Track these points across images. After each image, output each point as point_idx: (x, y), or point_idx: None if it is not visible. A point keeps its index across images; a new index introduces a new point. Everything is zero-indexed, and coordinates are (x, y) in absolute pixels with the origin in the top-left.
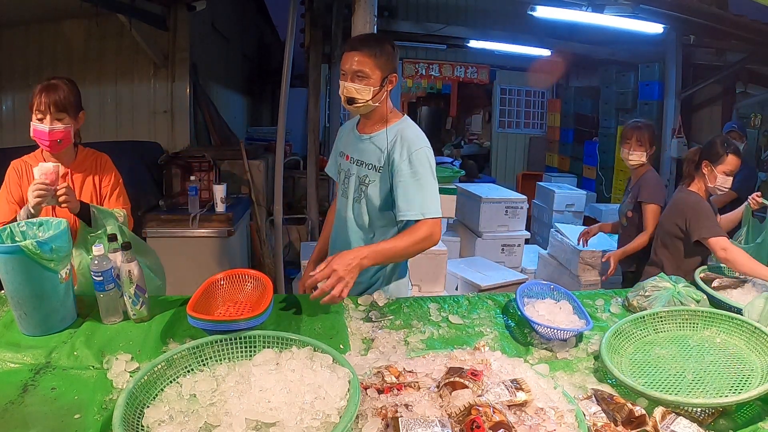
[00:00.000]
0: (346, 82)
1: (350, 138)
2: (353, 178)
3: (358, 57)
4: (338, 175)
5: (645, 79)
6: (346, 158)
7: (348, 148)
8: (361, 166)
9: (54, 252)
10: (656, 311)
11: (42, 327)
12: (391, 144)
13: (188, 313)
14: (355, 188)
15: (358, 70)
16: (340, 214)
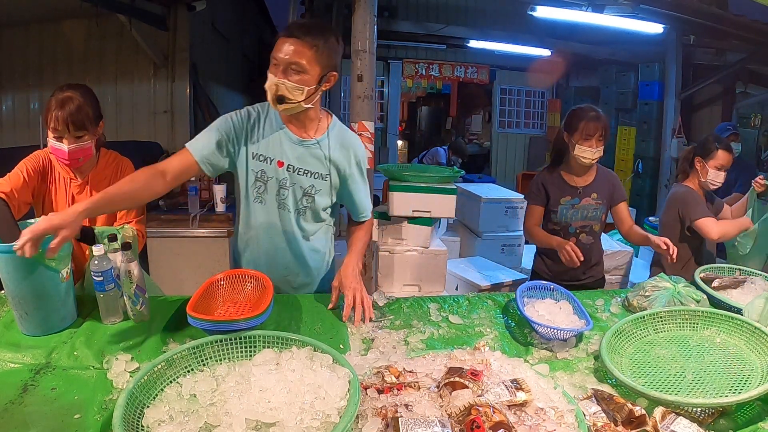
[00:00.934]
0: (277, 76)
1: (281, 141)
2: (295, 188)
3: (295, 46)
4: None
5: (645, 79)
6: (279, 164)
7: (280, 154)
8: (306, 176)
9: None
10: (656, 311)
11: (42, 327)
12: (335, 149)
13: (188, 313)
14: (298, 199)
15: (294, 61)
16: (276, 228)
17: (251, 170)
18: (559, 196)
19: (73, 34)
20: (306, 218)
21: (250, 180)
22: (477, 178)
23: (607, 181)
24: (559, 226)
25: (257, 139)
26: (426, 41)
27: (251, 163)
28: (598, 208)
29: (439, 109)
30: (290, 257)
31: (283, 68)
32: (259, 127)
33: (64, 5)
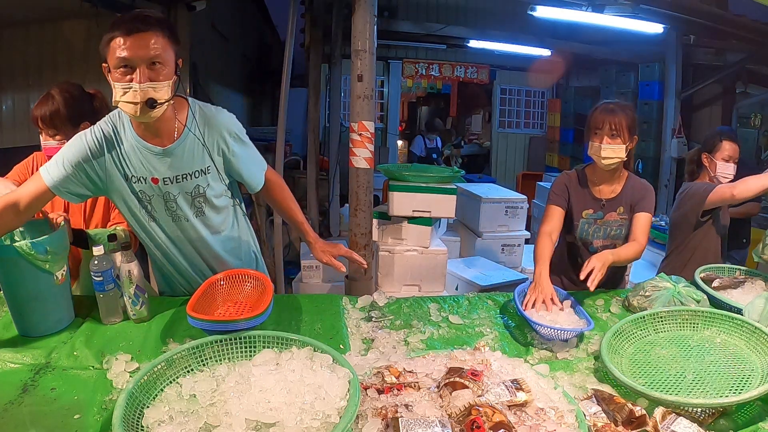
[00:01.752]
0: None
1: (144, 157)
2: (181, 195)
3: (148, 39)
4: (139, 200)
5: (645, 79)
6: (154, 181)
7: (150, 171)
8: (186, 179)
9: (49, 253)
10: (656, 311)
11: (37, 328)
12: (206, 136)
13: (188, 313)
14: (190, 205)
15: (156, 56)
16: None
17: (131, 193)
18: (582, 208)
19: (73, 34)
20: (206, 215)
21: (134, 203)
22: (477, 178)
23: (637, 192)
24: (578, 242)
25: (122, 159)
26: (426, 41)
27: (128, 186)
28: (623, 225)
29: (439, 109)
30: (209, 260)
31: (145, 66)
32: (120, 146)
33: (64, 5)
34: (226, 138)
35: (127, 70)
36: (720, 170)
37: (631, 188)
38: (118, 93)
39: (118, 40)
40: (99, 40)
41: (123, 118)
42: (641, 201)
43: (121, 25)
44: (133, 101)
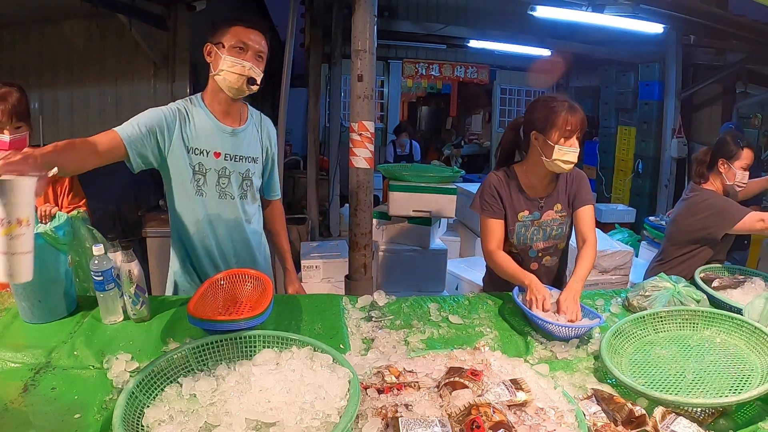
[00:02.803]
0: (249, 60)
1: (213, 133)
2: (234, 175)
3: (260, 37)
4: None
5: (645, 79)
6: (216, 155)
7: (214, 145)
8: (241, 161)
9: (66, 236)
10: (656, 311)
11: (54, 312)
12: (262, 132)
13: (188, 313)
14: (239, 185)
15: (262, 51)
16: (221, 218)
17: (188, 164)
18: (516, 211)
19: (73, 34)
20: (247, 201)
21: (188, 174)
22: (477, 178)
23: (571, 183)
24: (516, 248)
25: (190, 132)
26: (426, 41)
27: (187, 158)
28: (564, 223)
29: (439, 109)
30: (238, 244)
31: (253, 55)
32: (190, 121)
33: (64, 5)
34: (272, 140)
35: (242, 51)
36: (739, 179)
37: (564, 181)
38: (227, 64)
39: (241, 28)
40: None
41: (197, 100)
42: (578, 193)
43: (244, 19)
44: (241, 73)
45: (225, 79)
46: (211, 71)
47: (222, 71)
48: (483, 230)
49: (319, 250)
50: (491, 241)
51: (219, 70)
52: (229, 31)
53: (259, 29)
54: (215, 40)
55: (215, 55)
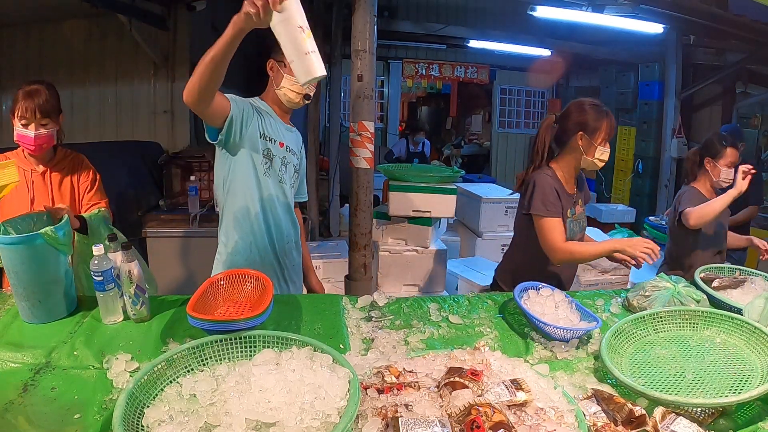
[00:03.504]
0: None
1: (277, 126)
2: (290, 165)
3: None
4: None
5: (645, 79)
6: (280, 145)
7: (280, 136)
8: (293, 155)
9: (66, 236)
10: (656, 311)
11: (54, 312)
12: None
13: (188, 313)
14: (291, 175)
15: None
16: (279, 199)
17: (260, 148)
18: (565, 208)
19: (73, 34)
20: (293, 190)
21: (259, 156)
22: (477, 178)
23: (582, 182)
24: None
25: (263, 121)
26: (426, 41)
27: (260, 142)
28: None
29: (439, 109)
30: (290, 225)
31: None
32: (261, 112)
33: (64, 5)
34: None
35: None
36: (723, 176)
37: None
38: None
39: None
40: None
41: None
42: (585, 191)
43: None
44: (299, 92)
45: (285, 95)
46: (273, 84)
47: (283, 88)
48: (547, 231)
49: (319, 250)
50: (558, 237)
51: (281, 86)
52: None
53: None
54: (277, 57)
55: (277, 72)
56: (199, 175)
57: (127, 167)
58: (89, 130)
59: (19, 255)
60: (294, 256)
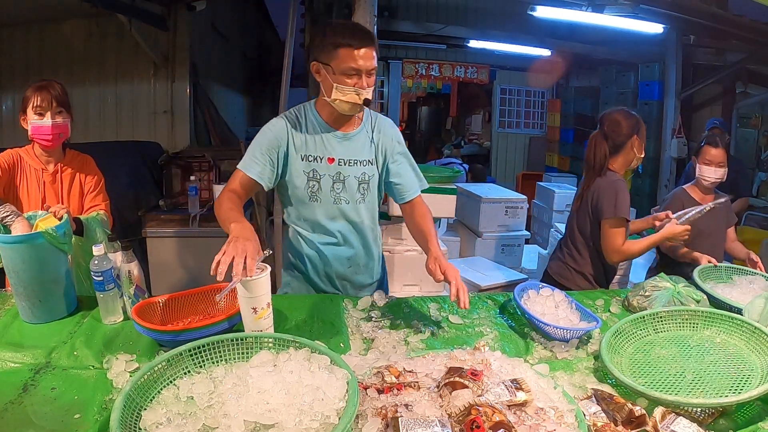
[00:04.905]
0: (364, 86)
1: (326, 139)
2: (349, 180)
3: (372, 53)
4: (309, 179)
5: (645, 79)
6: (330, 161)
7: (329, 151)
8: (356, 165)
9: (66, 236)
10: (656, 311)
11: (55, 311)
12: (376, 134)
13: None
14: (356, 189)
15: (372, 68)
16: (336, 222)
17: (303, 172)
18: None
19: (73, 34)
20: (364, 205)
21: (302, 181)
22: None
23: None
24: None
25: (303, 141)
26: (426, 41)
27: (302, 165)
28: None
29: (439, 109)
30: (355, 247)
31: (365, 74)
32: (302, 130)
33: (64, 5)
34: (392, 143)
35: (354, 76)
36: (700, 173)
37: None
38: (340, 93)
39: (350, 50)
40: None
41: (309, 109)
42: None
43: (352, 37)
44: (354, 102)
45: (340, 106)
46: (322, 92)
47: (336, 99)
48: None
49: None
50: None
51: (333, 98)
52: (338, 55)
53: (368, 45)
54: (323, 60)
55: (324, 77)
56: (199, 175)
57: (127, 167)
58: (89, 130)
59: (20, 254)
60: (359, 279)
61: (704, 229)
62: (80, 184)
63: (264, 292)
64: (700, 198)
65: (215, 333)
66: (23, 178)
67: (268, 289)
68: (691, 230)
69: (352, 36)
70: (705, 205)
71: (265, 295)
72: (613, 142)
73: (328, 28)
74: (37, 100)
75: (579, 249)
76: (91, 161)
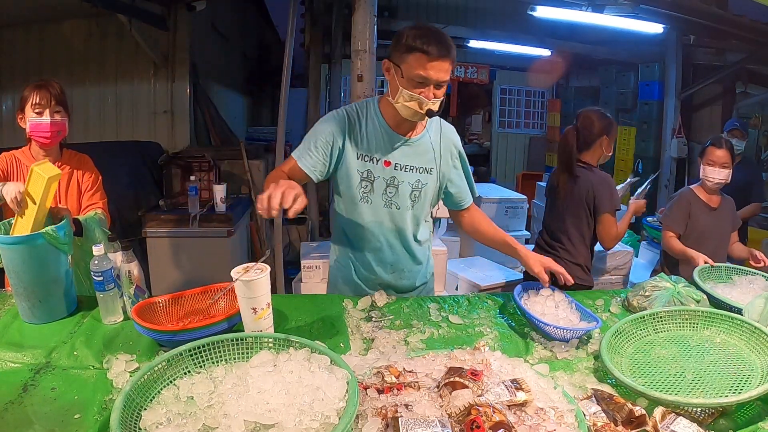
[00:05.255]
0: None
1: (385, 141)
2: (403, 185)
3: (447, 65)
4: (362, 179)
5: (645, 79)
6: (386, 164)
7: (385, 153)
8: (412, 172)
9: (66, 236)
10: (656, 311)
11: (55, 312)
12: (437, 142)
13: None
14: (408, 195)
15: (442, 80)
16: (384, 226)
17: (356, 171)
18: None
19: (73, 34)
20: (416, 212)
21: (356, 180)
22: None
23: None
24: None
25: (361, 139)
26: None
27: (356, 164)
28: None
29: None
30: (398, 253)
31: (434, 85)
32: (362, 128)
33: (64, 5)
34: (453, 150)
35: (421, 85)
36: (703, 174)
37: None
38: (405, 98)
39: (425, 58)
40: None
41: (373, 106)
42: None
43: (430, 45)
44: (416, 110)
45: (401, 110)
46: (388, 91)
47: (399, 103)
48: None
49: (319, 251)
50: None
51: (396, 100)
52: (410, 59)
53: (444, 57)
54: (395, 60)
55: (392, 78)
56: (198, 175)
57: (127, 167)
58: (89, 130)
59: (20, 255)
60: (403, 284)
61: (707, 231)
62: (78, 183)
63: (264, 292)
64: (706, 198)
65: (215, 333)
66: (20, 180)
67: (268, 289)
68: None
69: (428, 43)
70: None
71: (265, 296)
72: (584, 138)
73: (409, 29)
74: (36, 98)
75: (574, 243)
76: (88, 160)
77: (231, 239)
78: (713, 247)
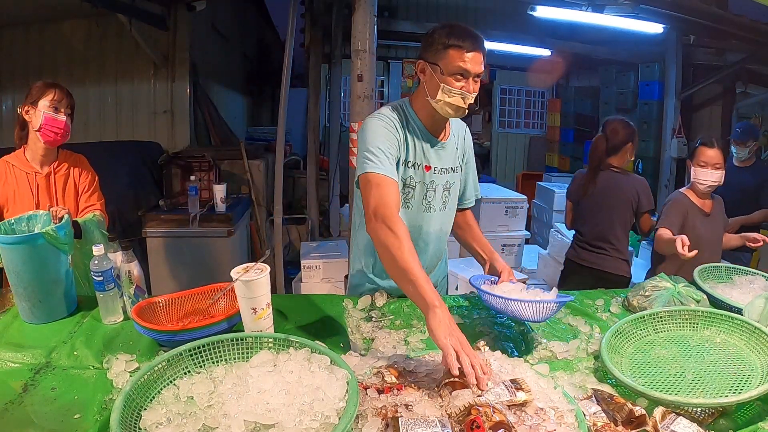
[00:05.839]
0: (470, 90)
1: (424, 146)
2: (439, 188)
3: (481, 58)
4: (405, 185)
5: (645, 79)
6: (426, 169)
7: (425, 158)
8: (443, 173)
9: (67, 236)
10: (656, 311)
11: (55, 312)
12: (459, 140)
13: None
14: (440, 197)
15: (479, 72)
16: (419, 229)
17: (400, 177)
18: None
19: (73, 34)
20: (446, 213)
21: (399, 187)
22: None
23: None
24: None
25: (406, 145)
26: None
27: (401, 170)
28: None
29: None
30: (433, 257)
31: (473, 78)
32: (407, 134)
33: (64, 5)
34: (466, 147)
35: (461, 78)
36: (695, 176)
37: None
38: (446, 95)
39: (462, 52)
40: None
41: (407, 109)
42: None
43: (465, 40)
44: (460, 105)
45: (443, 108)
46: (425, 90)
47: (440, 101)
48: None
49: (319, 250)
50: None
51: (437, 99)
52: (447, 55)
53: (478, 49)
54: (431, 59)
55: (430, 77)
56: (198, 175)
57: (127, 167)
58: (89, 130)
59: (20, 255)
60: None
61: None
62: (74, 184)
63: (264, 292)
64: (700, 204)
65: (215, 333)
66: (15, 186)
67: (268, 289)
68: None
69: (463, 38)
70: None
71: (265, 296)
72: (612, 144)
73: (438, 29)
74: (56, 95)
75: (620, 239)
76: (84, 160)
77: (231, 239)
78: (709, 254)
